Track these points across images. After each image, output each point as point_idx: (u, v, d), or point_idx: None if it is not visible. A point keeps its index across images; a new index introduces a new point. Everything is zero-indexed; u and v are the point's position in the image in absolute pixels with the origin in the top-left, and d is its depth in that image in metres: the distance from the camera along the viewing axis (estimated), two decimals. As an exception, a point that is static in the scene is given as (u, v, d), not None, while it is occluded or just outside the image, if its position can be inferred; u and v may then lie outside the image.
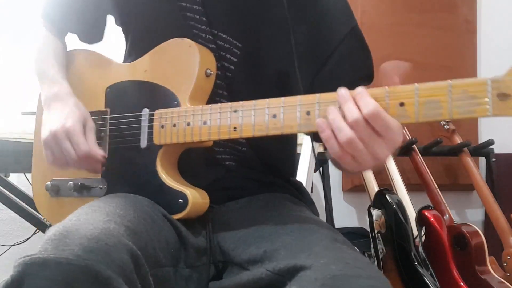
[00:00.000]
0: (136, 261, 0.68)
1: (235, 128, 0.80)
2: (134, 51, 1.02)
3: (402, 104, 0.68)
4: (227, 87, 0.93)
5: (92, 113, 0.96)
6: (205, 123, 0.83)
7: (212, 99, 0.91)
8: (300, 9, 0.94)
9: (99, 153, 0.90)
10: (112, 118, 0.96)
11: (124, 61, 1.07)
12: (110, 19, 1.09)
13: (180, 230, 0.84)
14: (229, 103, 0.82)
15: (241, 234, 0.85)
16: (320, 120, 0.72)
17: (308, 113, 0.74)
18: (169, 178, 0.88)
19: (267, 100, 0.78)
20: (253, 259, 0.78)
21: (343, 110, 0.70)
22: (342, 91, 0.71)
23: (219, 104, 0.83)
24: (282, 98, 0.77)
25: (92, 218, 0.69)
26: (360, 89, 0.70)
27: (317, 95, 0.74)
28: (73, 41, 1.11)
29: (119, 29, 1.08)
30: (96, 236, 0.65)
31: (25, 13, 2.06)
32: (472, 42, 2.59)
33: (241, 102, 0.80)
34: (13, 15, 2.08)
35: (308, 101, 0.75)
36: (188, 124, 0.85)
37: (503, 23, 2.60)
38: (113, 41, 1.12)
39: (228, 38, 0.93)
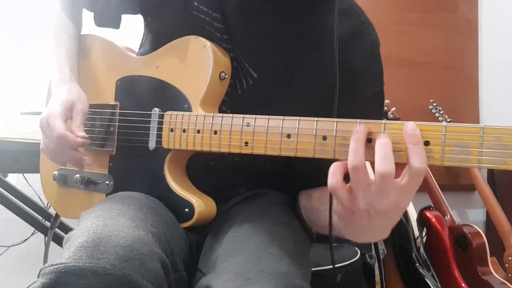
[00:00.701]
0: (166, 269, 0.67)
1: (246, 142, 0.76)
2: (149, 42, 1.00)
3: (427, 143, 0.62)
4: (232, 107, 0.90)
5: (102, 106, 0.95)
6: (215, 133, 0.79)
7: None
8: (333, 61, 0.83)
9: (73, 136, 0.86)
10: (121, 113, 0.94)
11: (140, 48, 1.04)
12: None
13: (188, 235, 0.84)
14: (242, 115, 0.77)
15: (212, 240, 0.84)
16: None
17: (324, 138, 0.69)
18: (176, 185, 0.86)
19: (282, 117, 0.73)
20: (209, 265, 0.77)
21: (414, 152, 0.61)
22: (415, 129, 0.62)
23: (231, 115, 0.78)
24: (298, 118, 0.72)
25: (120, 224, 0.68)
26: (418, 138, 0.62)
27: (335, 120, 0.68)
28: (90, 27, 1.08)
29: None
30: (130, 245, 0.64)
31: (25, 13, 2.06)
32: (473, 41, 2.59)
33: (254, 116, 0.76)
34: (13, 15, 2.07)
35: (326, 125, 0.69)
36: (198, 132, 0.82)
37: (504, 22, 2.59)
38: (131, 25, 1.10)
39: (246, 65, 0.89)
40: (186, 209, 0.83)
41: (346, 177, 0.63)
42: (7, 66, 2.04)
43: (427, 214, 1.73)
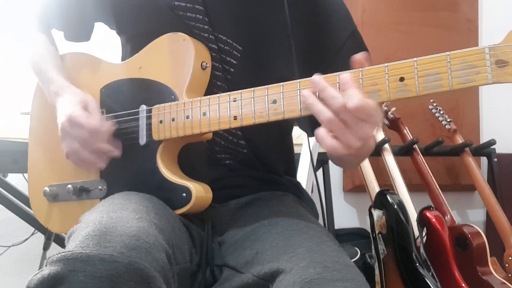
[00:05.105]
0: (169, 260, 0.68)
1: (235, 117, 0.80)
2: (129, 50, 1.01)
3: (402, 79, 0.69)
4: (228, 89, 0.92)
5: None
6: (204, 114, 0.82)
7: None
8: (301, 13, 0.94)
9: (107, 125, 0.88)
10: (108, 118, 0.94)
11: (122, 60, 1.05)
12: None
13: (189, 229, 0.84)
14: (228, 93, 0.81)
15: (239, 237, 0.84)
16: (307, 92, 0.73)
17: None
18: (170, 173, 0.86)
19: (266, 86, 0.77)
20: (245, 261, 0.78)
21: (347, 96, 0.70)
22: (345, 79, 0.71)
23: (217, 95, 0.82)
24: (282, 84, 0.76)
25: (124, 216, 0.69)
26: (347, 78, 0.71)
27: (319, 76, 0.73)
28: (63, 43, 1.10)
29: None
30: (136, 234, 0.65)
31: (25, 13, 2.05)
32: (474, 41, 2.58)
33: (240, 91, 0.79)
34: (13, 15, 2.07)
35: (308, 85, 0.74)
36: (188, 117, 0.84)
37: (504, 22, 2.59)
38: (108, 43, 1.12)
39: (229, 40, 0.92)
40: (184, 194, 0.84)
41: None
42: (7, 66, 2.04)
43: (427, 214, 1.73)
